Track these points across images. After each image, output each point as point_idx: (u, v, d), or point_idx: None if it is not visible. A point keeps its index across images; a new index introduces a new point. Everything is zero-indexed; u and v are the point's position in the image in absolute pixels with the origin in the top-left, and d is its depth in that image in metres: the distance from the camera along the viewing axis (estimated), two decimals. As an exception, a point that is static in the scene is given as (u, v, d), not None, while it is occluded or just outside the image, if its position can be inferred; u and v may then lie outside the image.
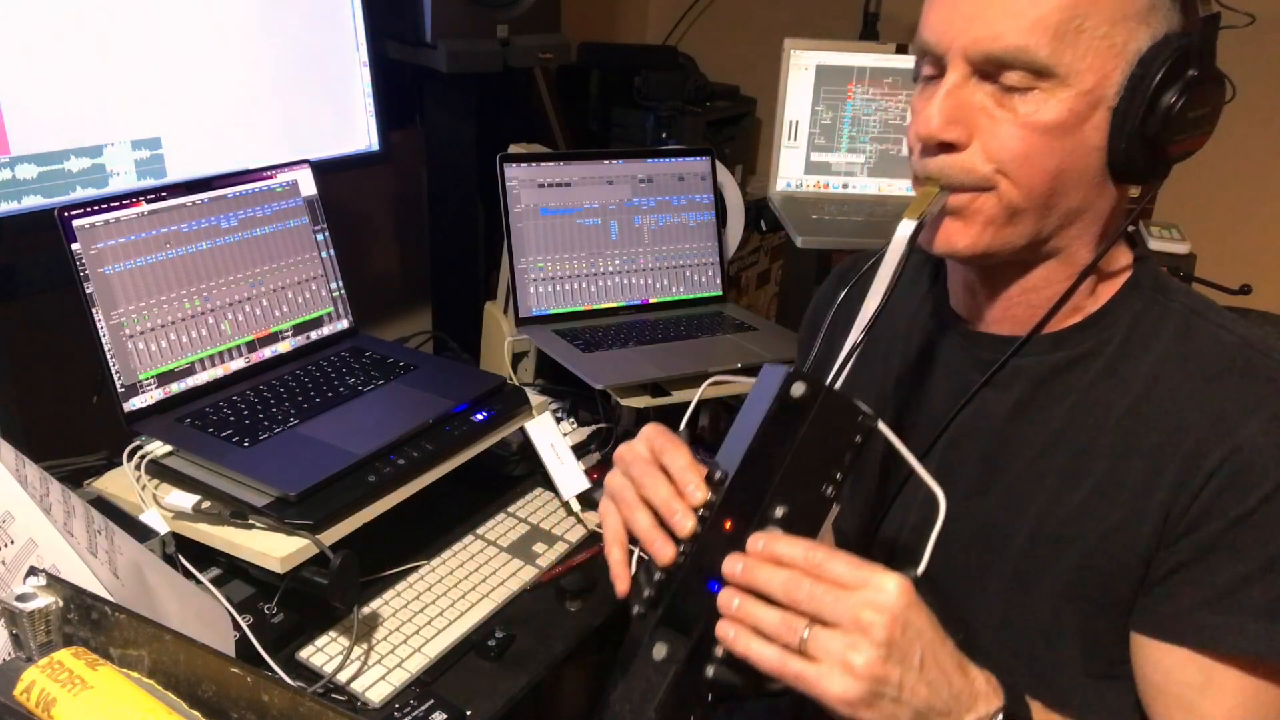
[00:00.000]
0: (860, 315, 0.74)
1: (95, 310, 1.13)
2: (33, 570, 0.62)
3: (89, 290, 1.13)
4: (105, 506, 1.01)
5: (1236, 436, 0.74)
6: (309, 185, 1.39)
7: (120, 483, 1.11)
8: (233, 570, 1.07)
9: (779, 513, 0.67)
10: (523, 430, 1.37)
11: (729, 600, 0.66)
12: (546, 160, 1.61)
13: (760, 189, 1.98)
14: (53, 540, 0.76)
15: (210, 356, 1.25)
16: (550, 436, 1.37)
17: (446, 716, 1.01)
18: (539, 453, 1.36)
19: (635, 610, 0.69)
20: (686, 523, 0.68)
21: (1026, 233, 0.78)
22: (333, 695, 1.03)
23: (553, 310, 1.60)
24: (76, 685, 0.54)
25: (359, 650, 1.07)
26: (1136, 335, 0.81)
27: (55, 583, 0.62)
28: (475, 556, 1.26)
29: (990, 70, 0.74)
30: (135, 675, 0.58)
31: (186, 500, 1.08)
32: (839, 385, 0.70)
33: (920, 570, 0.66)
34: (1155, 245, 1.68)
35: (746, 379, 0.75)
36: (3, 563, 0.75)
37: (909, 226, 0.75)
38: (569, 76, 2.15)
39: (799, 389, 0.67)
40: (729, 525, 0.67)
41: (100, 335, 1.13)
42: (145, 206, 1.19)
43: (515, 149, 1.63)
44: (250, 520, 1.03)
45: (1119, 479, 0.79)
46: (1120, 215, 0.81)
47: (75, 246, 1.12)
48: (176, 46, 1.32)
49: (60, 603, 0.61)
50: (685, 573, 0.67)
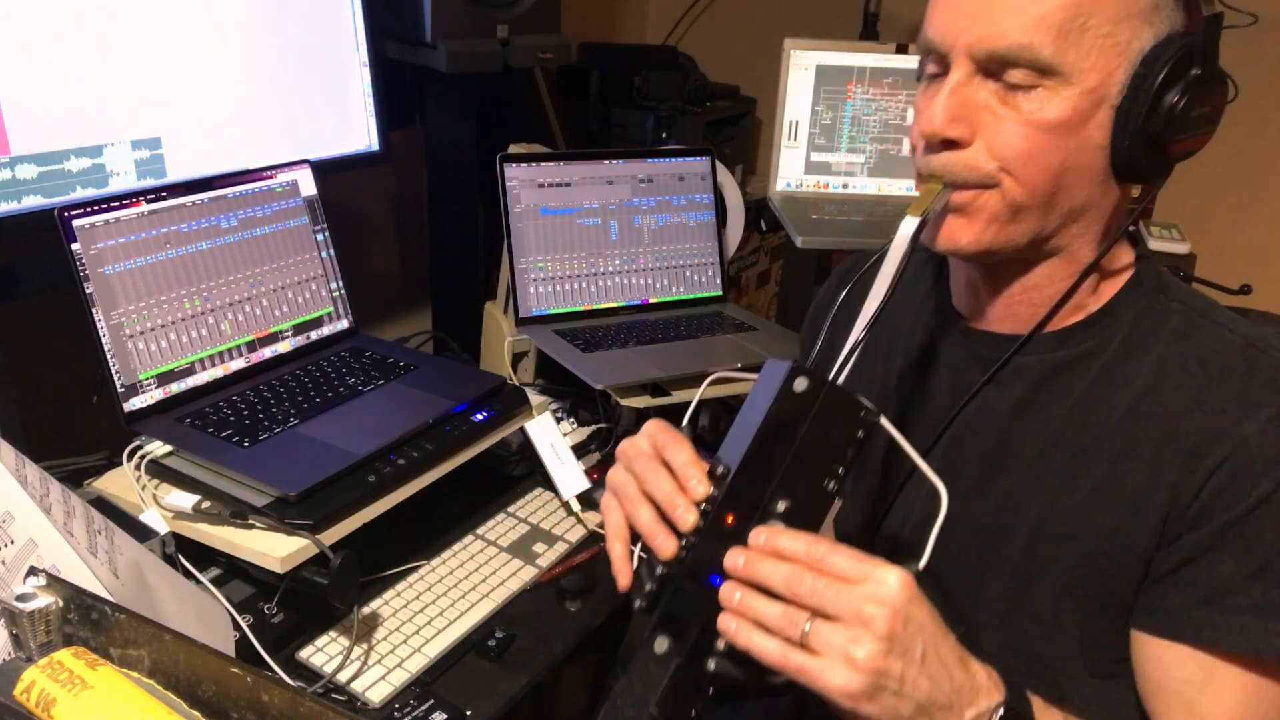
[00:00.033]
0: (863, 312, 0.74)
1: (95, 310, 1.13)
2: (33, 570, 0.62)
3: (89, 290, 1.13)
4: (105, 506, 1.01)
5: (1237, 435, 0.74)
6: (309, 185, 1.39)
7: (120, 483, 1.11)
8: (233, 570, 1.07)
9: (781, 507, 0.67)
10: (523, 430, 1.36)
11: (731, 594, 0.66)
12: (546, 160, 1.61)
13: (760, 189, 1.98)
14: (53, 540, 0.76)
15: (210, 356, 1.25)
16: (550, 436, 1.37)
17: (446, 716, 1.01)
18: (539, 453, 1.36)
19: (637, 605, 0.69)
20: (689, 517, 0.68)
21: (1029, 230, 0.78)
22: (333, 695, 1.02)
23: (553, 310, 1.60)
24: (76, 685, 0.54)
25: (359, 650, 1.07)
26: (1138, 334, 0.81)
27: (55, 583, 0.62)
28: (475, 556, 1.26)
29: (994, 68, 0.74)
30: (135, 675, 0.57)
31: (186, 500, 1.08)
32: (841, 381, 0.70)
33: (922, 565, 0.66)
34: (1155, 245, 1.68)
35: (749, 375, 0.75)
36: (3, 563, 0.75)
37: (912, 223, 0.75)
38: (569, 76, 2.15)
39: (802, 384, 0.67)
40: (731, 520, 0.67)
41: (100, 335, 1.13)
42: (145, 206, 1.19)
43: (515, 149, 1.63)
44: (250, 520, 1.03)
45: (1120, 477, 0.79)
46: (1122, 214, 0.81)
47: (75, 246, 1.12)
48: (176, 46, 1.31)
49: (60, 603, 0.61)
50: (687, 567, 0.67)
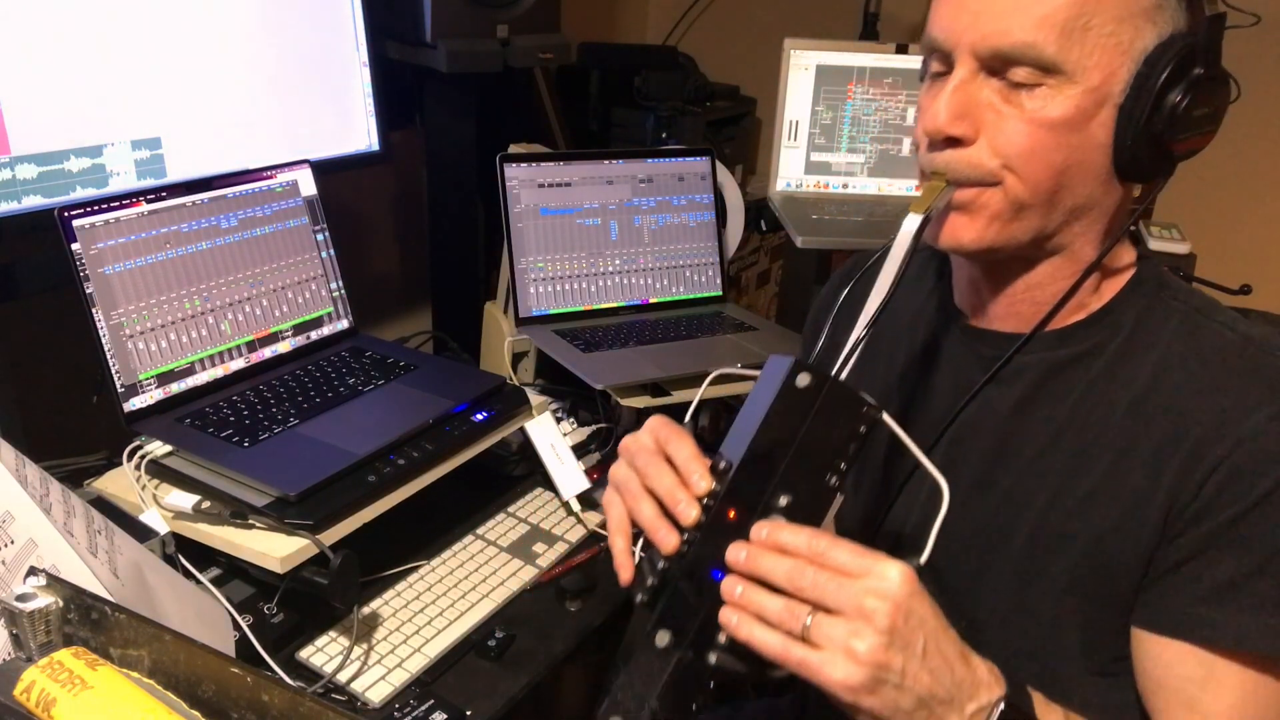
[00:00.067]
0: (865, 310, 0.74)
1: (95, 310, 1.13)
2: (33, 570, 0.62)
3: (89, 290, 1.12)
4: (105, 506, 1.01)
5: (1238, 433, 0.74)
6: (309, 185, 1.39)
7: (120, 483, 1.11)
8: (233, 570, 1.07)
9: (783, 502, 0.67)
10: (523, 430, 1.36)
11: (732, 587, 0.66)
12: (546, 160, 1.61)
13: (760, 189, 1.97)
14: (53, 540, 0.76)
15: (210, 356, 1.25)
16: (550, 436, 1.37)
17: (446, 716, 1.01)
18: (539, 453, 1.36)
19: (638, 599, 0.69)
20: (691, 511, 0.68)
21: (1031, 228, 0.78)
22: (333, 695, 1.02)
23: (553, 310, 1.60)
24: (76, 685, 0.54)
25: (359, 650, 1.07)
26: (1140, 333, 0.81)
27: (55, 583, 0.61)
28: (475, 556, 1.25)
29: (997, 66, 0.74)
30: (135, 675, 0.57)
31: (186, 500, 1.08)
32: (844, 377, 0.70)
33: (923, 559, 0.66)
34: (1155, 245, 1.68)
35: (751, 373, 0.75)
36: (3, 563, 0.74)
37: (915, 220, 0.75)
38: (569, 76, 2.15)
39: (804, 379, 0.67)
40: (733, 514, 0.67)
41: (100, 335, 1.13)
42: (145, 206, 1.19)
43: (515, 149, 1.63)
44: (250, 520, 1.03)
45: (1121, 476, 0.79)
46: (1124, 213, 0.81)
47: (75, 246, 1.12)
48: (176, 46, 1.31)
49: (60, 603, 0.61)
50: (689, 561, 0.68)
